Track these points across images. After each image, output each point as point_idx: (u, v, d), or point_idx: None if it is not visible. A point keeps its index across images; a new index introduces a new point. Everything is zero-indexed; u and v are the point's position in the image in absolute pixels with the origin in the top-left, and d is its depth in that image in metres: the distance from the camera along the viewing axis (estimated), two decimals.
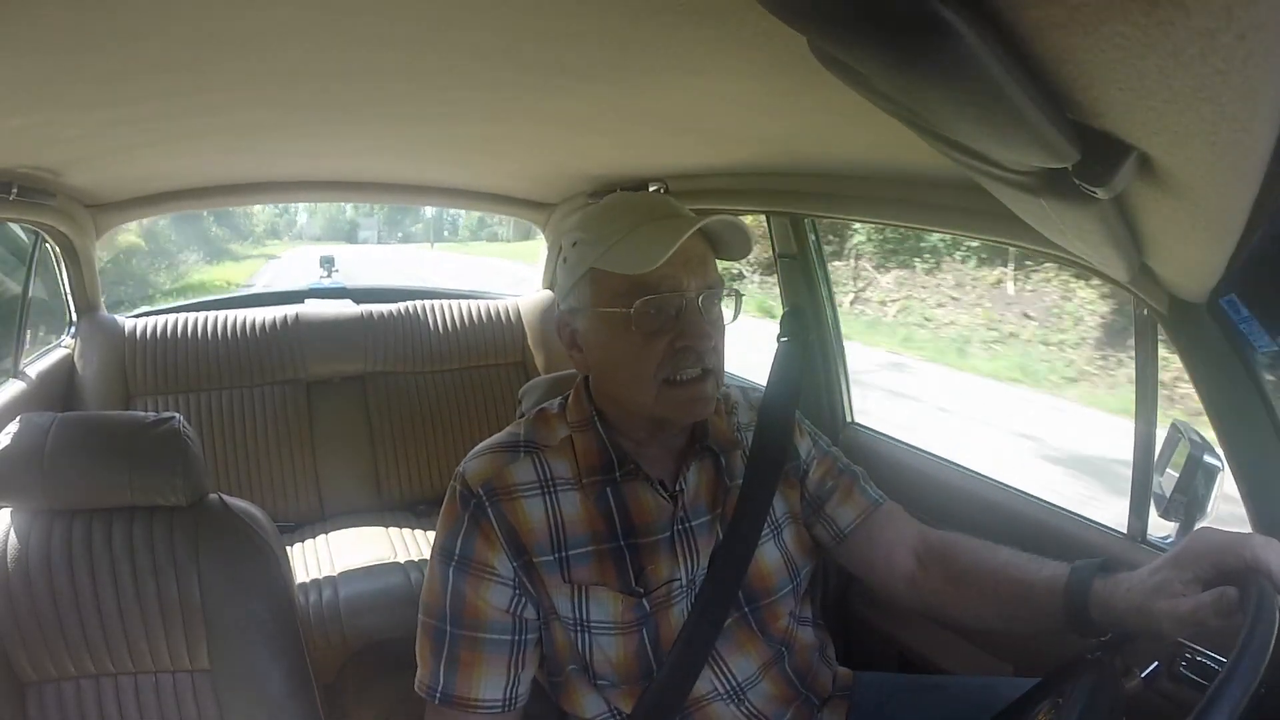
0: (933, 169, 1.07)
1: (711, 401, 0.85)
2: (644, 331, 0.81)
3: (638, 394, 0.83)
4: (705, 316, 0.82)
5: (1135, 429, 1.08)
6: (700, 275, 0.82)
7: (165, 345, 2.03)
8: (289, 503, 2.05)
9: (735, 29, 0.66)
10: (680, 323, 0.81)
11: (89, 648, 1.01)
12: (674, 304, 0.81)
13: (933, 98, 0.41)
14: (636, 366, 0.82)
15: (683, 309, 0.81)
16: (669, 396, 0.82)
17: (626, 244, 0.81)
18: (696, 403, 0.83)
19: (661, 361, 0.81)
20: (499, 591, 0.83)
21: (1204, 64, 0.30)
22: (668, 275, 0.80)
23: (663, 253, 0.77)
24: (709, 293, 0.82)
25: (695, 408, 0.84)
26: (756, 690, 0.90)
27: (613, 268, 0.81)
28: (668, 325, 0.81)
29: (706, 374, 0.83)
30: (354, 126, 1.34)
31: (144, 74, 0.87)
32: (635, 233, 0.81)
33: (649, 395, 0.82)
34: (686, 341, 0.81)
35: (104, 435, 1.03)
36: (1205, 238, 0.61)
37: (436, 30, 0.76)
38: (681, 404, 0.83)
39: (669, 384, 0.82)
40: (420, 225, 26.26)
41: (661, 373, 0.81)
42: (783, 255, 1.65)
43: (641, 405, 0.84)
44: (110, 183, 1.81)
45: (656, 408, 0.83)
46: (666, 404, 0.82)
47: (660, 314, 0.81)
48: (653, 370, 0.81)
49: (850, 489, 0.98)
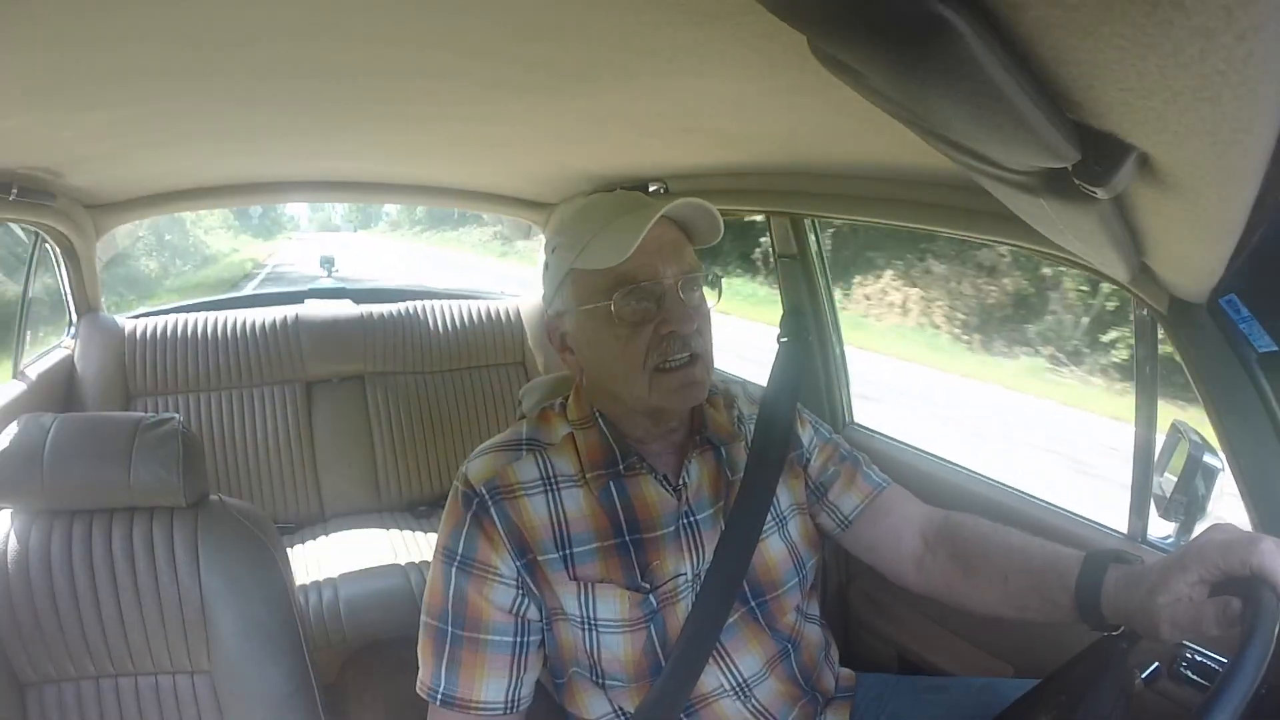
0: (933, 169, 1.07)
1: (704, 386, 0.85)
2: (628, 323, 0.82)
3: (631, 386, 0.84)
4: (686, 301, 0.83)
5: (1135, 429, 1.08)
6: (676, 262, 0.83)
7: (165, 345, 2.03)
8: (289, 504, 2.05)
9: (735, 29, 0.66)
10: (662, 310, 0.82)
11: (89, 648, 1.01)
12: (654, 292, 0.82)
13: (933, 98, 0.41)
14: (625, 358, 0.83)
15: (663, 296, 0.82)
16: (661, 384, 0.83)
17: (599, 240, 0.82)
18: (689, 387, 0.84)
19: (649, 350, 0.82)
20: (502, 592, 0.83)
21: (1204, 64, 0.30)
22: (644, 264, 0.81)
23: (633, 240, 0.78)
24: (688, 278, 0.83)
25: (688, 392, 0.84)
26: (763, 687, 0.90)
27: (589, 265, 0.83)
28: (650, 314, 0.82)
29: (695, 358, 0.83)
30: (353, 127, 1.34)
31: (144, 74, 0.87)
32: (607, 228, 0.83)
33: (642, 386, 0.83)
34: (671, 327, 0.82)
35: (104, 436, 1.03)
36: (1205, 237, 0.61)
37: (437, 30, 0.76)
38: (674, 390, 0.83)
39: (660, 371, 0.83)
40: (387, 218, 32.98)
41: (651, 361, 0.82)
42: (783, 256, 1.65)
43: (637, 398, 0.84)
44: (110, 183, 1.81)
45: (651, 397, 0.83)
46: (660, 392, 0.83)
47: (641, 303, 0.82)
48: (641, 360, 0.82)
49: (853, 475, 0.98)
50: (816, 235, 1.64)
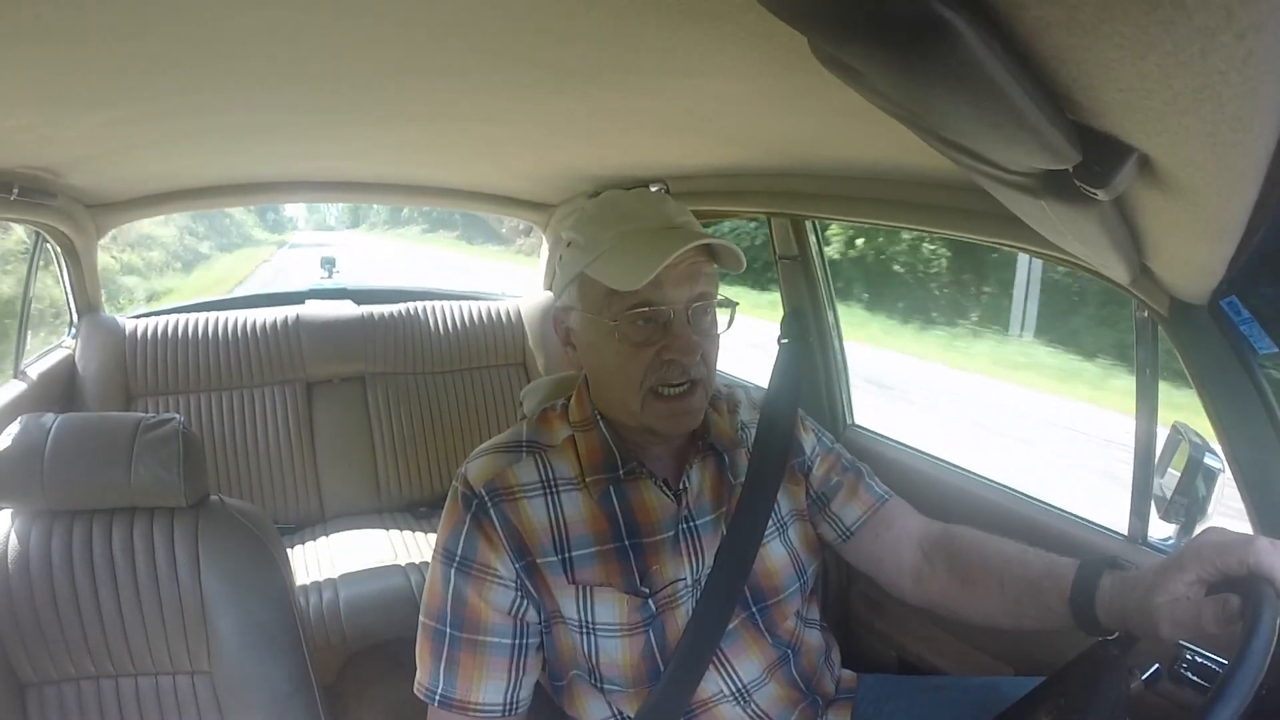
0: (933, 169, 1.07)
1: (699, 413, 0.84)
2: (630, 342, 0.80)
3: (625, 401, 0.83)
4: (695, 327, 0.81)
5: (1136, 430, 1.08)
6: (689, 286, 0.80)
7: (166, 346, 2.03)
8: (289, 504, 2.05)
9: (735, 29, 0.66)
10: (668, 335, 0.80)
11: (89, 649, 1.01)
12: (661, 316, 0.80)
13: (933, 98, 0.41)
14: (623, 374, 0.81)
15: (670, 322, 0.80)
16: (655, 409, 0.82)
17: (614, 254, 0.80)
18: (682, 416, 0.83)
19: (648, 372, 0.81)
20: (501, 594, 0.82)
21: (1204, 64, 0.30)
22: (655, 288, 0.79)
23: (648, 272, 0.76)
24: (699, 304, 0.81)
25: (682, 421, 0.83)
26: (762, 692, 0.89)
27: (599, 278, 0.80)
28: (655, 336, 0.80)
29: (694, 386, 0.82)
30: (354, 127, 1.34)
31: (144, 74, 0.87)
32: (625, 241, 0.80)
33: (635, 404, 0.82)
34: (673, 355, 0.80)
35: (104, 436, 1.03)
36: (1206, 239, 0.60)
37: (437, 31, 0.76)
38: (666, 418, 0.82)
39: (655, 395, 0.81)
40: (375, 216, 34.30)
41: (648, 382, 0.81)
42: (783, 257, 1.65)
43: (629, 413, 0.83)
44: (110, 183, 1.81)
45: (643, 417, 0.82)
46: (652, 416, 0.82)
47: (647, 325, 0.80)
48: (639, 380, 0.81)
49: (856, 486, 0.98)
50: (817, 236, 1.64)
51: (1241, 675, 0.56)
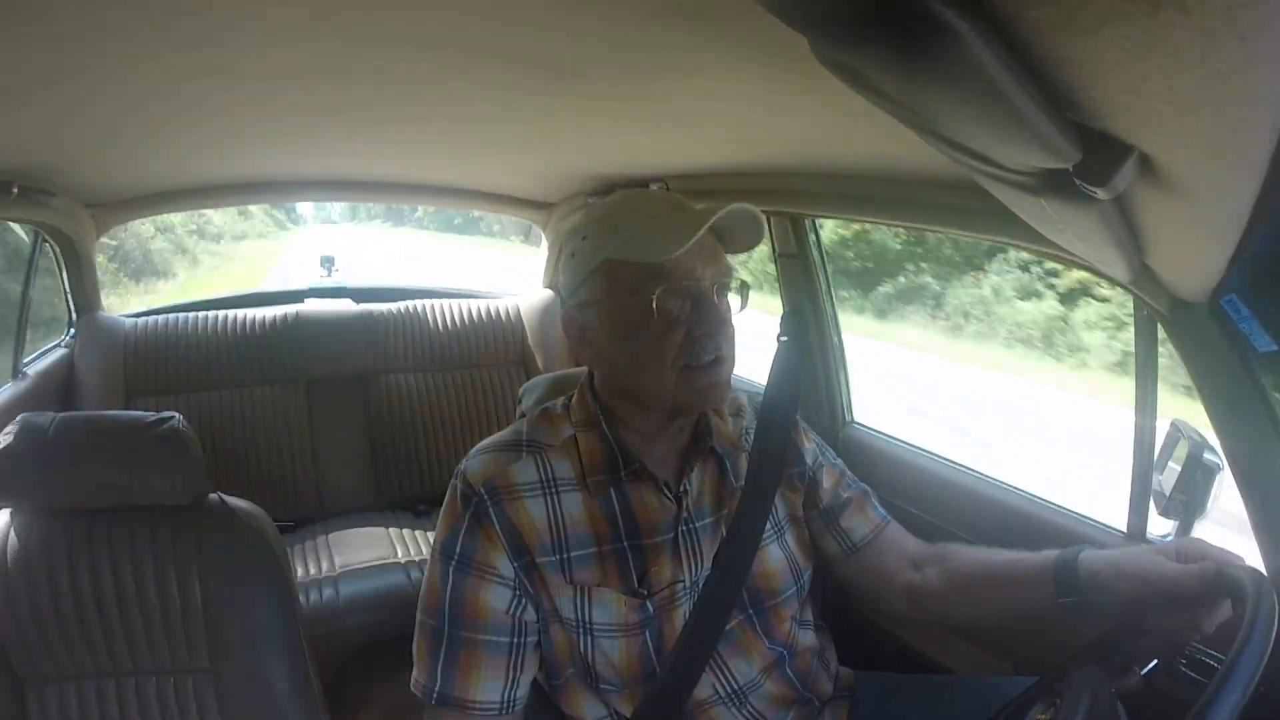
0: (933, 169, 1.07)
1: (726, 389, 0.86)
2: (663, 321, 0.81)
3: (657, 383, 0.83)
4: (719, 306, 0.83)
5: (1135, 427, 1.08)
6: (713, 265, 0.83)
7: (165, 345, 2.03)
8: (289, 502, 2.05)
9: (735, 29, 0.66)
10: (696, 312, 0.82)
11: (89, 648, 1.01)
12: (691, 293, 0.82)
13: (933, 98, 0.41)
14: (655, 355, 0.82)
15: (699, 298, 0.82)
16: (688, 382, 0.82)
17: (643, 233, 0.82)
18: (714, 388, 0.84)
19: (680, 351, 0.82)
20: (499, 592, 0.82)
21: (1205, 65, 0.30)
22: (685, 264, 0.81)
23: (686, 239, 0.78)
24: (720, 284, 0.84)
25: (713, 393, 0.84)
26: (758, 693, 0.89)
27: (632, 256, 0.81)
28: (685, 315, 0.82)
29: (720, 360, 0.83)
30: (354, 126, 1.34)
31: (145, 74, 0.87)
32: (652, 222, 0.83)
33: (669, 383, 0.82)
34: (704, 329, 0.81)
35: (104, 435, 1.03)
36: (1206, 238, 0.61)
37: (437, 31, 0.76)
38: (700, 389, 0.83)
39: (688, 369, 0.82)
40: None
41: (681, 360, 0.82)
42: (783, 255, 1.65)
43: (659, 396, 0.84)
44: (110, 183, 1.81)
45: (677, 394, 0.83)
46: (686, 390, 0.83)
47: (683, 301, 0.82)
48: (671, 358, 0.82)
49: (863, 504, 0.99)
50: (817, 235, 1.64)
51: (1243, 664, 0.56)
